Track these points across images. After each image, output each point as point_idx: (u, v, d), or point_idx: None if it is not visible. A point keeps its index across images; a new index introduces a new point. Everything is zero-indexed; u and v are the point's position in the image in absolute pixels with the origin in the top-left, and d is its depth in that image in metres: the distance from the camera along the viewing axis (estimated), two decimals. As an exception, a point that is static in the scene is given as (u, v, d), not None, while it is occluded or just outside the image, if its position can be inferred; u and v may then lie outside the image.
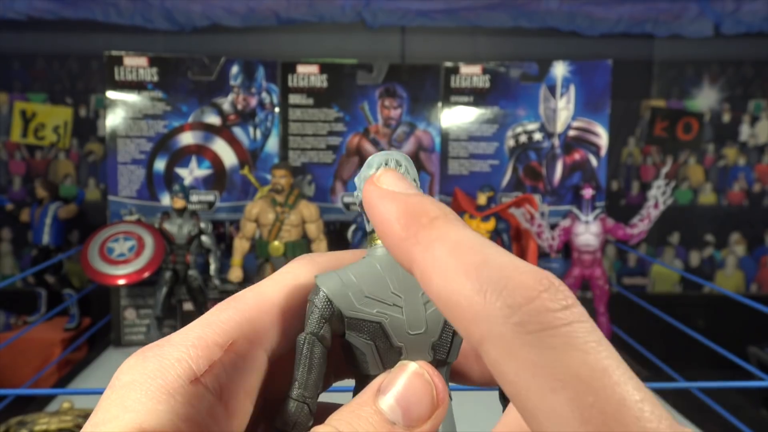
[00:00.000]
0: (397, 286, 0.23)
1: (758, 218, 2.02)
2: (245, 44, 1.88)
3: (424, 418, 0.21)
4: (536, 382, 0.14)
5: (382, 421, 0.20)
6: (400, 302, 0.23)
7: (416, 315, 0.22)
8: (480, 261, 0.15)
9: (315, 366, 0.22)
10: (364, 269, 0.23)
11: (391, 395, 0.21)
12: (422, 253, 0.17)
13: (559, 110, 1.56)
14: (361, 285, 0.23)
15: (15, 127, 1.87)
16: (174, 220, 1.40)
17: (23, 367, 1.53)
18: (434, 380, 0.21)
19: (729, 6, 1.79)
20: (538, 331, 0.14)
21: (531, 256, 1.40)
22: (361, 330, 0.22)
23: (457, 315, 0.15)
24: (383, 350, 0.22)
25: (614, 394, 0.13)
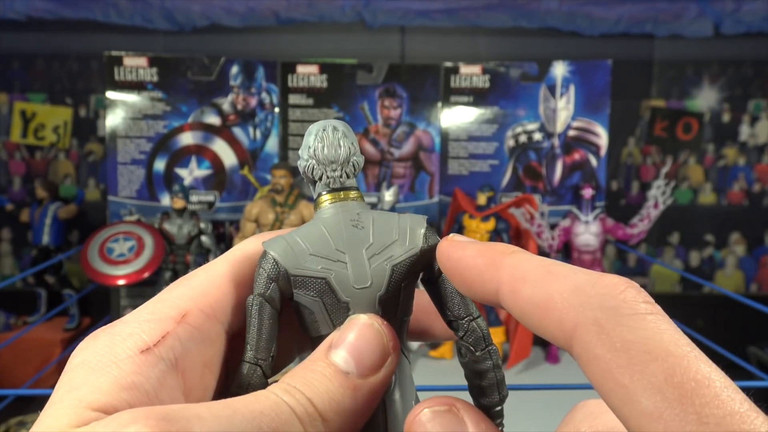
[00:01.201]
0: (341, 244, 0.23)
1: (758, 218, 2.02)
2: (245, 44, 1.88)
3: (376, 366, 0.21)
4: (631, 356, 0.15)
5: (336, 372, 0.21)
6: (344, 258, 0.23)
7: (361, 270, 0.23)
8: (566, 271, 0.17)
9: (264, 327, 0.22)
10: (309, 230, 0.24)
11: (343, 347, 0.21)
12: (510, 272, 0.19)
13: (559, 110, 1.56)
14: (306, 244, 0.23)
15: (15, 127, 1.87)
16: (174, 221, 1.40)
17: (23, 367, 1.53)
18: (384, 329, 0.22)
19: (729, 6, 1.78)
20: (630, 315, 0.15)
21: (531, 256, 1.40)
22: (307, 287, 0.23)
23: (551, 311, 0.17)
24: (331, 307, 0.23)
25: (701, 370, 0.14)
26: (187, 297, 0.22)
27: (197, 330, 0.21)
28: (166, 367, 0.19)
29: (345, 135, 0.25)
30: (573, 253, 1.45)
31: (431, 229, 0.25)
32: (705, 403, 0.14)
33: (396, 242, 0.24)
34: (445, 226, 1.52)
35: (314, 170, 0.25)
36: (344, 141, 0.25)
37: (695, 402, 0.14)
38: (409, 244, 0.24)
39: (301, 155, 0.25)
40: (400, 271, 0.23)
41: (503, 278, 0.19)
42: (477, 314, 0.24)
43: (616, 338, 0.15)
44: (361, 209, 0.24)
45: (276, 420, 0.19)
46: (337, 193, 0.25)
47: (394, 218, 0.24)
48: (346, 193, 0.25)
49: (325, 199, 0.25)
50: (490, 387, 0.23)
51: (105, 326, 0.20)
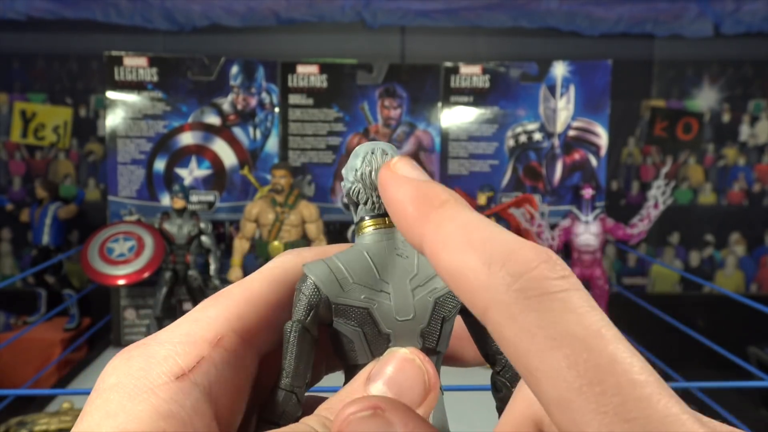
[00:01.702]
0: (385, 273, 0.23)
1: (758, 218, 2.02)
2: (245, 44, 1.88)
3: (416, 403, 0.20)
4: (536, 342, 0.14)
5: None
6: (387, 288, 0.22)
7: (404, 301, 0.22)
8: (486, 237, 0.16)
9: (303, 354, 0.22)
10: (352, 257, 0.23)
11: (381, 381, 0.20)
12: (432, 231, 0.17)
13: (559, 110, 1.56)
14: (349, 272, 0.22)
15: (15, 127, 1.87)
16: (174, 221, 1.40)
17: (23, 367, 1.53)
18: (425, 365, 0.21)
19: (729, 6, 1.79)
20: (537, 296, 0.15)
21: (531, 256, 1.41)
22: (348, 317, 0.22)
23: (464, 286, 0.16)
24: (371, 337, 0.22)
25: (606, 351, 0.14)
26: (223, 318, 0.21)
27: (232, 354, 0.20)
28: (200, 394, 0.19)
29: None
30: (573, 253, 1.45)
31: None
32: (610, 389, 0.13)
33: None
34: (445, 226, 1.52)
35: (360, 194, 0.24)
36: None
37: (600, 388, 0.13)
38: None
39: (346, 177, 0.24)
40: (443, 304, 0.23)
41: (426, 237, 0.18)
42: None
43: (524, 323, 0.15)
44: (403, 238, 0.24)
45: None
46: (383, 219, 0.24)
47: None
48: (391, 219, 0.24)
49: (368, 224, 0.24)
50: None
51: (138, 343, 0.20)
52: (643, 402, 0.13)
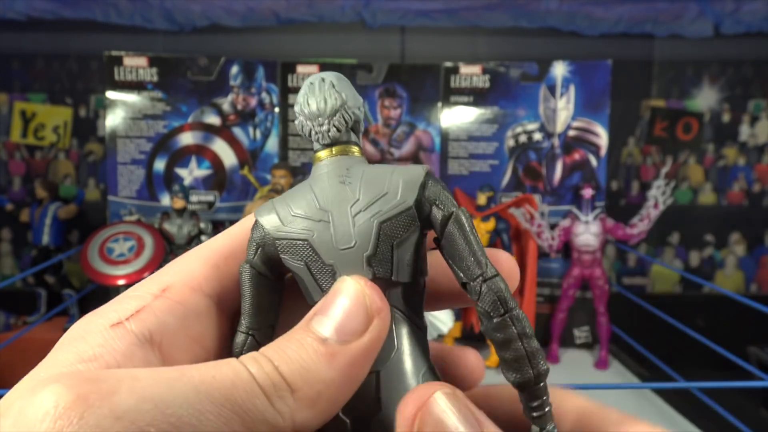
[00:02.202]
0: (326, 202, 0.22)
1: (758, 218, 2.02)
2: (245, 44, 1.88)
3: (358, 331, 0.19)
4: None
5: (313, 339, 0.19)
6: (327, 217, 0.21)
7: (345, 229, 0.21)
8: None
9: (257, 295, 0.21)
10: (297, 191, 0.23)
11: (321, 315, 0.20)
12: None
13: (559, 110, 1.56)
14: (291, 205, 0.22)
15: (15, 128, 1.87)
16: (174, 221, 1.40)
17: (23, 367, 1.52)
18: (367, 290, 0.20)
19: (729, 6, 1.78)
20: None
21: (531, 256, 1.40)
22: (292, 252, 0.22)
23: None
24: (317, 271, 0.21)
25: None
26: (173, 272, 0.21)
27: (180, 304, 0.20)
28: (136, 340, 0.19)
29: (333, 86, 0.23)
30: (573, 253, 1.45)
31: (432, 179, 0.22)
32: None
33: (385, 196, 0.21)
34: (445, 226, 1.52)
35: (303, 126, 0.23)
36: (331, 92, 0.23)
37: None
38: (401, 197, 0.21)
39: (297, 111, 0.24)
40: (390, 228, 0.21)
41: None
42: (492, 273, 0.20)
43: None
44: (352, 164, 0.23)
45: (231, 388, 0.17)
46: (329, 149, 0.23)
47: (387, 171, 0.22)
48: (339, 147, 0.23)
49: (317, 157, 0.23)
50: (517, 360, 0.20)
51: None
52: None
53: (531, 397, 0.20)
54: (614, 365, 1.43)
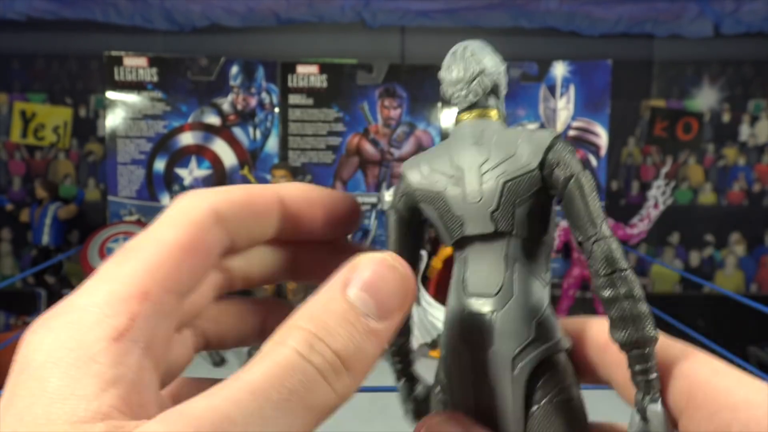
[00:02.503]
0: (460, 160, 0.24)
1: (758, 218, 2.02)
2: (245, 44, 1.88)
3: (396, 308, 0.19)
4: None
5: (356, 315, 0.19)
6: (459, 174, 0.24)
7: (473, 186, 0.23)
8: None
9: (398, 236, 0.25)
10: (437, 149, 0.26)
11: (360, 286, 0.19)
12: None
13: (559, 110, 1.56)
14: (431, 160, 0.25)
15: (15, 128, 1.87)
16: (174, 220, 1.40)
17: (23, 368, 1.53)
18: (403, 269, 0.20)
19: (729, 6, 1.78)
20: None
21: (531, 256, 1.41)
22: (428, 201, 0.25)
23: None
24: (447, 220, 0.24)
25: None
26: (142, 272, 0.19)
27: (159, 306, 0.19)
28: (141, 351, 0.17)
29: (473, 54, 0.25)
30: (573, 253, 1.45)
31: (560, 143, 0.23)
32: None
33: (512, 158, 0.23)
34: (445, 226, 1.53)
35: (445, 92, 0.26)
36: (471, 60, 0.25)
37: None
38: (526, 160, 0.23)
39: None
40: (513, 187, 0.23)
41: None
42: (605, 234, 0.21)
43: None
44: (487, 127, 0.24)
45: (305, 391, 0.17)
46: (468, 112, 0.25)
47: (518, 134, 0.24)
48: (477, 111, 0.25)
49: (458, 119, 0.26)
50: (621, 319, 0.21)
51: (53, 314, 0.18)
52: None
53: (635, 360, 0.21)
54: (614, 365, 1.43)
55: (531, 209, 0.23)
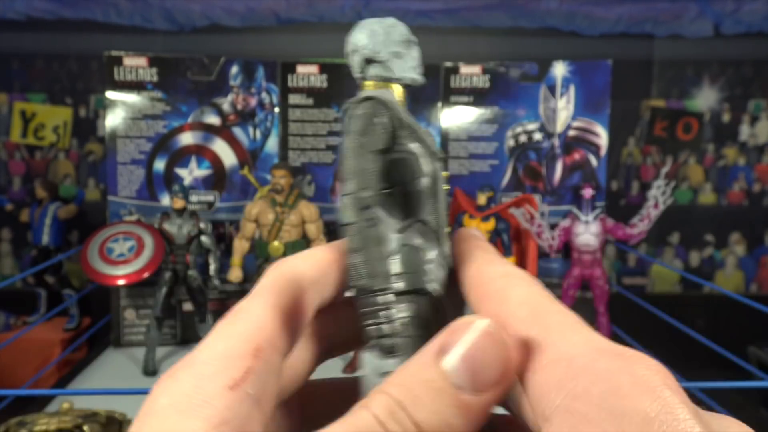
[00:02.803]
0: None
1: (758, 218, 2.02)
2: (245, 44, 1.88)
3: (493, 382, 0.18)
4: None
5: (448, 386, 0.17)
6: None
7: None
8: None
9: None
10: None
11: (456, 355, 0.18)
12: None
13: (559, 110, 1.56)
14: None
15: (15, 127, 1.87)
16: (174, 221, 1.39)
17: (23, 368, 1.53)
18: (505, 338, 0.18)
19: (729, 6, 1.78)
20: None
21: (531, 256, 1.40)
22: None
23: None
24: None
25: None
26: (254, 330, 0.20)
27: (270, 363, 0.20)
28: (252, 402, 0.18)
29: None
30: (573, 253, 1.45)
31: (354, 107, 0.26)
32: None
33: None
34: (445, 226, 1.52)
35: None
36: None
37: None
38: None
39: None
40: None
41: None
42: (346, 190, 0.25)
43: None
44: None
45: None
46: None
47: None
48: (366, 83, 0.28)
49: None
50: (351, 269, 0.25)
51: (181, 365, 0.19)
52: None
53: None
54: (614, 365, 1.43)
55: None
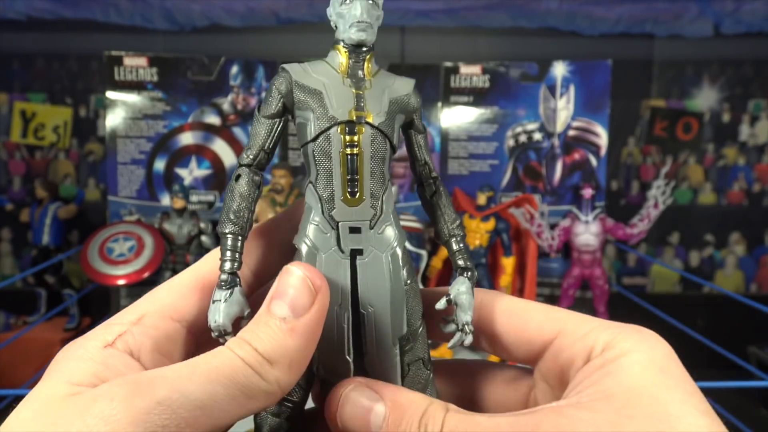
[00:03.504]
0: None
1: (758, 218, 2.02)
2: (245, 44, 1.88)
3: (307, 306, 0.26)
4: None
5: (276, 319, 0.25)
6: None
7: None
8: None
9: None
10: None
11: (276, 296, 0.26)
12: None
13: (559, 110, 1.56)
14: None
15: (15, 127, 1.87)
16: (174, 221, 1.40)
17: (23, 367, 1.53)
18: (307, 273, 0.26)
19: (729, 6, 1.78)
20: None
21: (531, 256, 1.40)
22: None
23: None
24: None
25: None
26: (148, 303, 0.28)
27: (152, 328, 0.27)
28: (125, 356, 0.25)
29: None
30: (573, 253, 1.45)
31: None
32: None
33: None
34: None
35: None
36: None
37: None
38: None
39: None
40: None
41: None
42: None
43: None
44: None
45: (232, 373, 0.24)
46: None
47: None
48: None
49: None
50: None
51: (80, 337, 0.26)
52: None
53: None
54: (614, 365, 1.43)
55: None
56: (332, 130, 0.28)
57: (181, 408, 0.22)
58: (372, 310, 0.28)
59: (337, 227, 0.28)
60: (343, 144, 0.28)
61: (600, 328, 0.27)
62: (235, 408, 0.24)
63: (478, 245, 1.39)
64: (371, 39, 0.31)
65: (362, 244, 0.29)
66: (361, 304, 0.28)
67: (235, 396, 0.24)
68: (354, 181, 0.28)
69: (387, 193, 0.29)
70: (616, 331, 0.26)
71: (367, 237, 0.29)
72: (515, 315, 0.29)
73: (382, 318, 0.28)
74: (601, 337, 0.26)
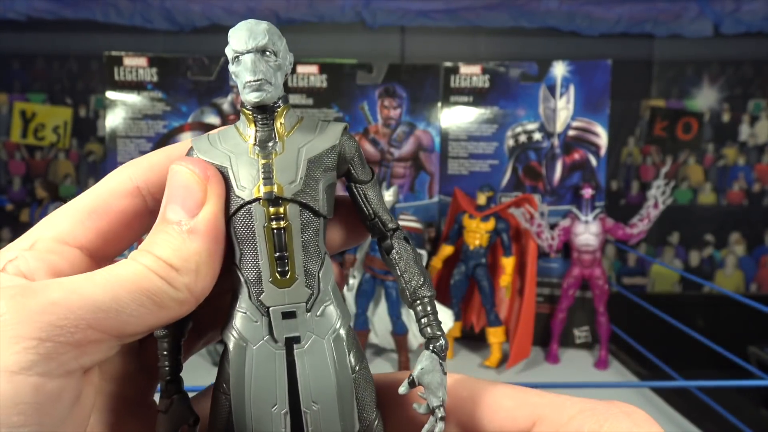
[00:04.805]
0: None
1: (758, 218, 2.02)
2: (245, 44, 1.88)
3: (200, 202, 0.24)
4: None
5: (172, 224, 0.24)
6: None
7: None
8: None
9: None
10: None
11: (169, 201, 0.25)
12: None
13: (559, 110, 1.56)
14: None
15: (15, 128, 1.87)
16: (174, 220, 1.40)
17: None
18: (190, 166, 0.25)
19: (729, 6, 1.79)
20: None
21: (531, 256, 1.40)
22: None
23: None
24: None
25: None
26: (41, 228, 0.27)
27: (47, 253, 0.26)
28: (14, 277, 0.24)
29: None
30: (573, 253, 1.45)
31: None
32: None
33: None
34: (445, 226, 1.52)
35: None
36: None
37: None
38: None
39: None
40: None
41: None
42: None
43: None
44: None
45: (136, 279, 0.23)
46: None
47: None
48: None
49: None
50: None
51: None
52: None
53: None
54: (614, 365, 1.43)
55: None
56: (253, 204, 0.25)
57: (80, 309, 0.21)
58: (316, 407, 0.25)
59: (268, 313, 0.25)
60: (267, 217, 0.25)
61: (582, 415, 0.24)
62: (146, 315, 0.23)
63: (478, 245, 1.39)
64: (272, 96, 0.26)
65: (299, 331, 0.25)
66: (302, 402, 0.25)
67: (143, 302, 0.23)
68: (283, 258, 0.25)
69: (324, 268, 0.26)
70: (602, 418, 0.23)
71: (304, 321, 0.25)
72: (482, 403, 0.26)
73: (329, 416, 0.25)
74: (586, 426, 0.23)
